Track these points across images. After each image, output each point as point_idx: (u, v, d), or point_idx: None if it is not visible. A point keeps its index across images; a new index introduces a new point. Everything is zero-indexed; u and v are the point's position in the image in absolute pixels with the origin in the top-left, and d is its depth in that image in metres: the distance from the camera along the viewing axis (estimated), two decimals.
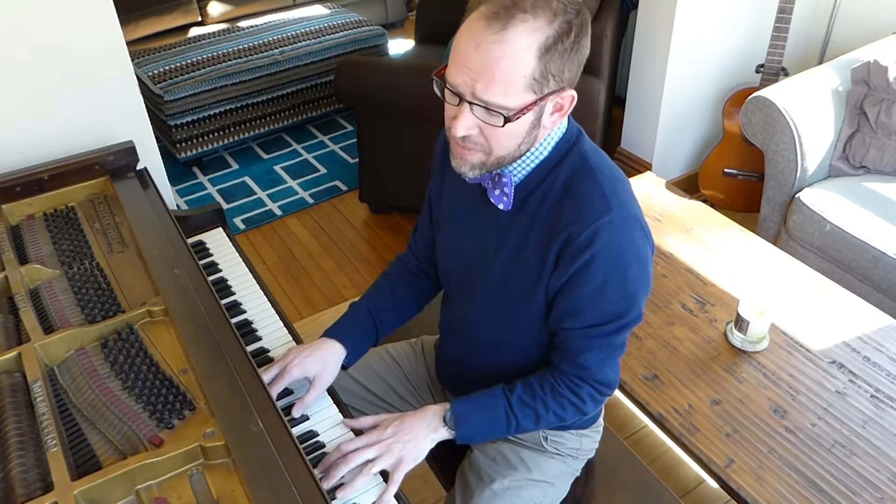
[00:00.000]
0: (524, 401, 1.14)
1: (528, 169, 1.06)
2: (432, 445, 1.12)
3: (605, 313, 1.07)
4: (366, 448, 1.06)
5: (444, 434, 1.12)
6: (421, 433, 1.10)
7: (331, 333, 1.26)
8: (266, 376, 1.16)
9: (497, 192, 1.07)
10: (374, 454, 1.06)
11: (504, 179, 1.06)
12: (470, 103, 0.95)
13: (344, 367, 1.25)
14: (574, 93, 1.00)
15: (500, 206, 1.08)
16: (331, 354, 1.22)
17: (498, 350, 1.22)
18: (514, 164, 1.06)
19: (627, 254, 1.03)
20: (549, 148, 1.06)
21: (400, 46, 4.34)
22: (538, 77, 0.93)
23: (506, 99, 0.93)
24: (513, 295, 1.13)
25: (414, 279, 1.36)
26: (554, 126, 1.03)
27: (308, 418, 1.16)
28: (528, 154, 1.05)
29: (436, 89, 1.00)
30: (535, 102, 0.95)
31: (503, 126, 0.95)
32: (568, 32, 0.93)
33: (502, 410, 1.14)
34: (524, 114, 0.95)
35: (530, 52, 0.91)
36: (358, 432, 1.13)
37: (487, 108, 0.94)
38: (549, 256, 1.05)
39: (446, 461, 1.36)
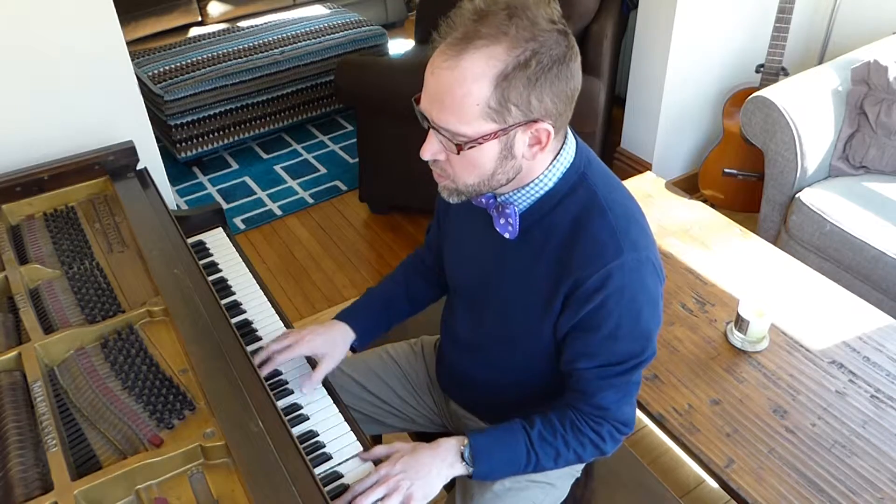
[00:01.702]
0: (545, 437, 1.09)
1: (533, 199, 1.04)
2: (446, 482, 1.07)
3: (619, 354, 1.05)
4: (374, 488, 1.02)
5: (460, 470, 1.08)
6: (434, 469, 1.06)
7: (342, 316, 1.29)
8: (277, 345, 1.20)
9: (502, 221, 1.06)
10: (382, 493, 1.02)
11: (508, 210, 1.04)
12: (434, 128, 0.95)
13: (353, 350, 1.28)
14: (549, 128, 0.94)
15: (506, 236, 1.06)
16: (340, 336, 1.25)
17: (500, 367, 1.22)
18: (519, 194, 1.03)
19: (640, 297, 1.02)
20: (555, 179, 1.02)
21: (400, 46, 4.34)
22: (494, 105, 0.90)
23: (461, 126, 0.92)
24: (515, 321, 1.12)
25: (429, 273, 1.37)
26: (535, 158, 0.98)
27: (308, 418, 1.16)
28: (532, 184, 1.02)
29: (417, 114, 0.99)
30: (495, 133, 0.92)
31: (458, 154, 0.94)
32: (529, 61, 0.88)
33: (522, 447, 1.09)
34: (480, 143, 0.93)
35: (484, 80, 0.89)
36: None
37: (445, 134, 0.93)
38: (557, 297, 1.04)
39: None
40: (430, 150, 0.97)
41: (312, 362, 1.25)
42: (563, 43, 0.91)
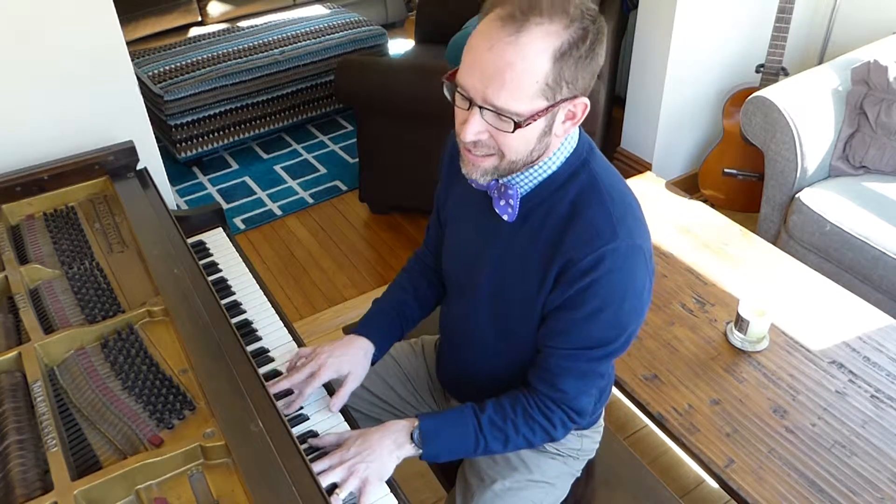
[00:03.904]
0: (494, 422, 1.11)
1: (535, 182, 1.04)
2: (398, 462, 1.07)
3: (593, 338, 1.05)
4: (329, 471, 1.02)
5: (409, 451, 1.08)
6: (385, 450, 1.06)
7: (358, 330, 1.27)
8: (299, 375, 1.17)
9: (502, 202, 1.06)
10: (338, 477, 1.02)
11: (510, 191, 1.04)
12: (480, 107, 0.92)
13: (372, 363, 1.26)
14: (587, 101, 0.96)
15: (505, 217, 1.06)
16: (361, 351, 1.23)
17: (496, 356, 1.22)
18: (522, 176, 1.04)
19: (627, 284, 1.02)
20: (559, 163, 1.03)
21: (400, 46, 4.34)
22: (551, 83, 0.90)
23: (517, 104, 0.90)
24: (509, 304, 1.12)
25: (431, 274, 1.37)
26: (566, 134, 1.00)
27: (308, 418, 1.16)
28: (536, 167, 1.03)
29: (446, 93, 0.98)
30: (546, 109, 0.93)
31: (513, 132, 0.93)
32: (584, 39, 0.90)
33: (471, 430, 1.10)
34: (535, 120, 0.93)
35: (545, 57, 0.89)
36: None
37: (497, 113, 0.92)
38: (549, 276, 1.04)
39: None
40: (474, 129, 0.94)
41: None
42: (601, 22, 0.94)
